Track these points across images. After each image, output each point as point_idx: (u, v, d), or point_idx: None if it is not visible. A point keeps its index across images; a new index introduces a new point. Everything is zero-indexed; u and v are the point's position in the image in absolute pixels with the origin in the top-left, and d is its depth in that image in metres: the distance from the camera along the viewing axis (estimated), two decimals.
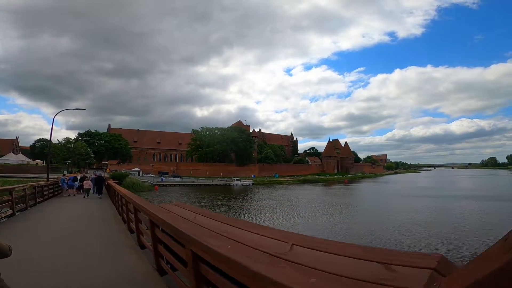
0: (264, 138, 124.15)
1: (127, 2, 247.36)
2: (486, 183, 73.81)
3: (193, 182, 64.44)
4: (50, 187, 15.04)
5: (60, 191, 16.65)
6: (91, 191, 16.46)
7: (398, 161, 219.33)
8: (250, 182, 68.22)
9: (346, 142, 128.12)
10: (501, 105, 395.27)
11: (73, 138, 71.81)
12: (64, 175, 16.91)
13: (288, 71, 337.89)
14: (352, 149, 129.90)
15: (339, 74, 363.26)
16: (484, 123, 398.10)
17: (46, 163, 78.39)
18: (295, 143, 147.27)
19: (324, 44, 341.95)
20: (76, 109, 18.03)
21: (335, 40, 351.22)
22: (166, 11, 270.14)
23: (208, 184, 62.85)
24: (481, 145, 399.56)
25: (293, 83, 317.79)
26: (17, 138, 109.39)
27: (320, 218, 25.09)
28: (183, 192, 48.12)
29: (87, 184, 16.37)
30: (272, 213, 28.01)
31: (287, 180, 77.83)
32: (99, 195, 16.29)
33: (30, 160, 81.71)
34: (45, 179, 19.11)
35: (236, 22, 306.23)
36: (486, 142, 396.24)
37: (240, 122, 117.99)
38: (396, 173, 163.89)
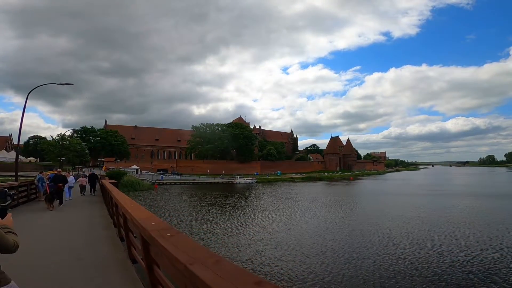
0: (264, 135, 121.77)
1: (123, 3, 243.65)
2: (497, 180, 72.12)
3: (194, 180, 61.84)
4: (21, 189, 11.26)
5: (36, 196, 12.75)
6: (86, 188, 16.24)
7: (396, 158, 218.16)
8: (253, 180, 65.87)
9: (348, 139, 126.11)
10: (496, 103, 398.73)
11: (68, 135, 68.78)
12: (41, 172, 13.30)
13: (285, 69, 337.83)
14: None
15: (335, 73, 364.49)
16: (479, 122, 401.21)
17: (39, 160, 75.54)
18: (295, 140, 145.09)
19: (320, 44, 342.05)
20: (61, 83, 15.10)
21: (331, 40, 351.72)
22: (163, 11, 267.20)
23: (210, 182, 60.30)
24: (476, 143, 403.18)
25: (290, 81, 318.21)
26: (10, 136, 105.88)
27: (339, 219, 22.66)
28: (184, 191, 45.54)
29: (83, 181, 16.30)
30: (283, 214, 25.55)
31: (291, 178, 75.53)
32: (92, 193, 16.23)
33: (23, 158, 78.85)
34: (34, 177, 15.72)
35: (232, 22, 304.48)
36: (481, 140, 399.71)
37: (240, 118, 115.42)
38: (397, 170, 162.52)
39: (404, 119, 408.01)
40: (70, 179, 13.84)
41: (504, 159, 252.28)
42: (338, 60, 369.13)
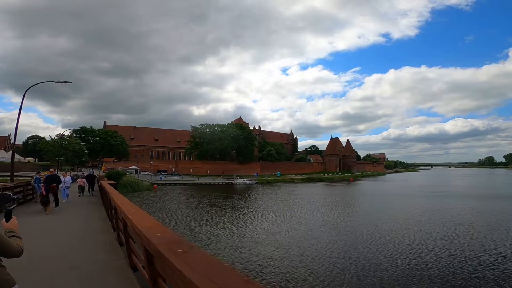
0: (264, 136, 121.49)
1: (124, 3, 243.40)
2: (497, 182, 71.98)
3: (193, 181, 61.51)
4: (17, 190, 10.82)
5: (33, 196, 12.09)
6: (85, 188, 16.51)
7: (396, 160, 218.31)
8: (253, 180, 65.55)
9: (348, 140, 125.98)
10: (495, 105, 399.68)
11: (67, 135, 68.34)
12: (38, 173, 12.90)
13: (284, 70, 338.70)
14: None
15: (335, 74, 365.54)
16: (478, 123, 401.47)
17: (37, 160, 75.10)
18: (295, 141, 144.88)
19: (320, 45, 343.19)
20: (59, 81, 14.81)
21: (331, 41, 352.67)
22: (163, 12, 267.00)
23: (210, 183, 60.00)
24: (475, 145, 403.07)
25: (289, 82, 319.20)
26: (9, 135, 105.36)
27: (340, 221, 22.41)
28: (184, 192, 45.27)
29: (81, 182, 16.46)
30: (283, 215, 25.30)
31: (291, 179, 75.26)
32: (90, 193, 16.75)
33: (21, 158, 78.51)
34: (31, 177, 15.24)
35: (232, 22, 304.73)
36: (480, 141, 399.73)
37: (240, 119, 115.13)
38: (397, 171, 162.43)
39: (403, 120, 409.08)
40: (67, 179, 13.23)
41: (503, 160, 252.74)
42: (338, 61, 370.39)
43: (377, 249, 14.46)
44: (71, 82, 15.31)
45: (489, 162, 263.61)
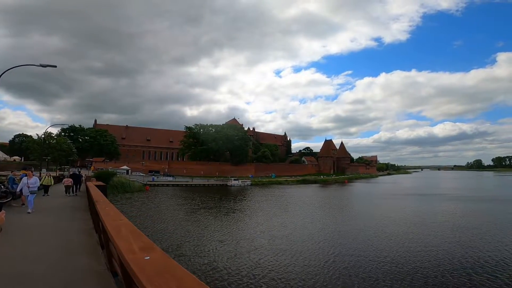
0: (258, 137, 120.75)
1: (118, 3, 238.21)
2: (488, 184, 72.93)
3: (187, 182, 60.08)
4: None
5: (8, 198, 9.93)
6: (71, 188, 16.32)
7: (386, 162, 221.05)
8: (248, 182, 64.54)
9: (342, 142, 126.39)
10: (481, 109, 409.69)
11: (55, 134, 65.82)
12: (13, 172, 11.48)
13: (278, 73, 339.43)
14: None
15: (327, 77, 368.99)
16: (466, 127, 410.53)
17: (24, 160, 72.24)
18: (288, 143, 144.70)
19: (313, 48, 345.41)
20: (41, 65, 13.55)
21: (324, 44, 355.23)
22: (157, 12, 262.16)
23: (204, 184, 58.66)
24: (463, 148, 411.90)
25: (283, 84, 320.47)
26: None
27: (341, 224, 21.63)
28: (177, 193, 43.94)
29: (68, 181, 16.29)
30: (281, 218, 24.34)
31: (286, 181, 74.50)
32: (75, 193, 16.58)
33: (7, 157, 75.46)
34: (5, 178, 13.72)
35: (227, 25, 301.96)
36: (468, 145, 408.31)
37: (234, 119, 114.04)
38: (389, 174, 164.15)
39: (394, 123, 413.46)
40: (32, 181, 10.03)
41: (491, 163, 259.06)
42: (330, 65, 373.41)
43: (382, 252, 13.87)
44: (55, 66, 14.13)
45: (477, 165, 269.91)
